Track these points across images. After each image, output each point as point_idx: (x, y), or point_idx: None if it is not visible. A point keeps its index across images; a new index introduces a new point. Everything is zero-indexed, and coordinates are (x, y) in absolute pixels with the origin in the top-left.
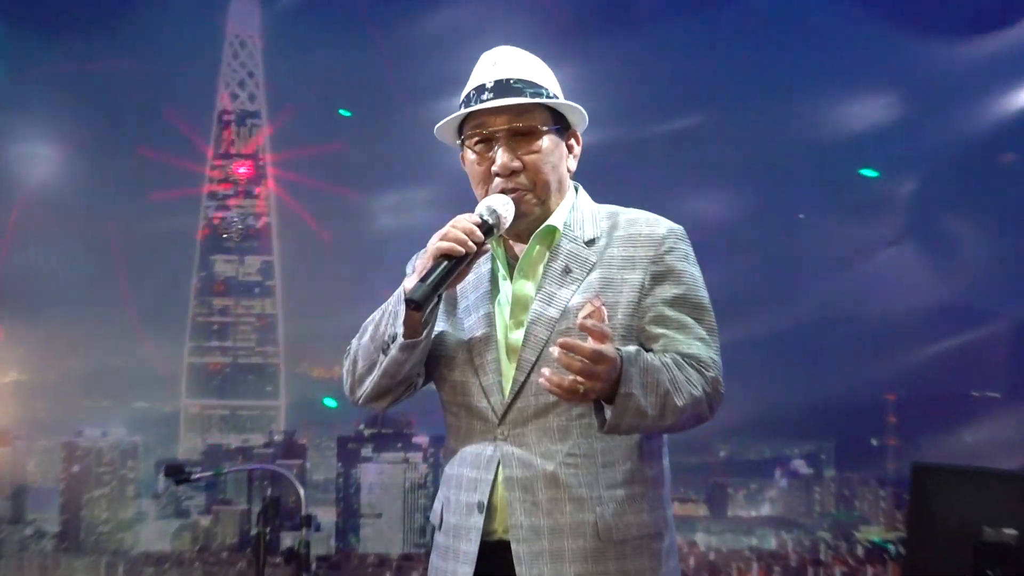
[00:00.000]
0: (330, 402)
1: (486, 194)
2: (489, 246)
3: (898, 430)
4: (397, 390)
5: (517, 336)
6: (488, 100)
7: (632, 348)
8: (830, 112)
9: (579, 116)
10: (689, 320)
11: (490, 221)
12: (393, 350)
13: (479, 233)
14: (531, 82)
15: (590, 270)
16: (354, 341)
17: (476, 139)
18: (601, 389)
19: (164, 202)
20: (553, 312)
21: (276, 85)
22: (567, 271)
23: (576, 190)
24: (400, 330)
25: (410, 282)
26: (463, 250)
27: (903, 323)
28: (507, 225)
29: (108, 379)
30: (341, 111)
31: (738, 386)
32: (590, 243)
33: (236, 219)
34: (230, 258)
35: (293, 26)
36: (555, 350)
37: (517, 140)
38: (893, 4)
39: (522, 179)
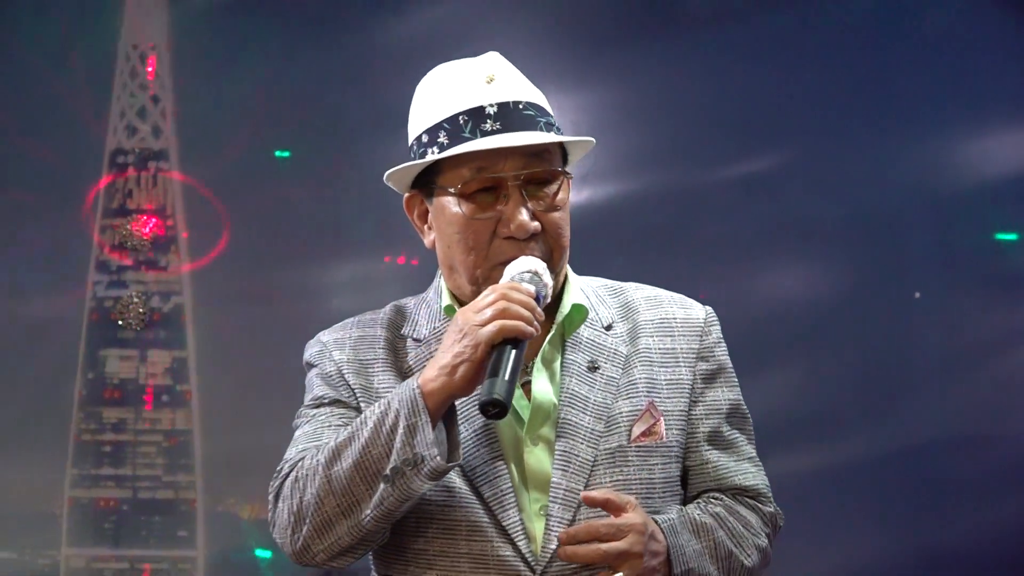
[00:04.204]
0: (264, 553)
1: (481, 263)
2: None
3: None
4: (372, 540)
5: (539, 458)
6: (496, 133)
7: (672, 515)
8: (960, 153)
9: (581, 153)
10: (739, 435)
11: (540, 293)
12: (416, 480)
13: (539, 309)
14: (540, 107)
15: (623, 367)
16: (303, 466)
17: (478, 185)
18: (646, 568)
19: (34, 275)
20: (593, 423)
21: (190, 114)
22: (594, 367)
23: None
24: (430, 451)
25: (434, 379)
26: (533, 331)
27: None
28: (547, 301)
29: None
30: (277, 152)
31: (824, 531)
32: (608, 329)
33: (136, 300)
34: (128, 353)
35: (212, 32)
36: (565, 549)
37: (530, 191)
38: None
39: (538, 245)
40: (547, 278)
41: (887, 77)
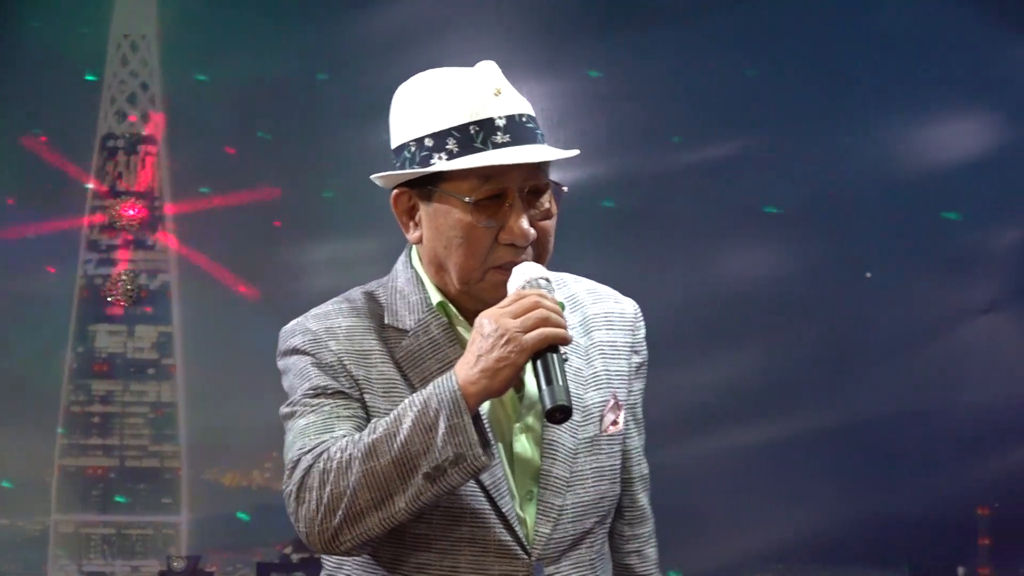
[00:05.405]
0: (245, 516)
1: (478, 266)
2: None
3: (993, 555)
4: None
5: (525, 445)
6: (505, 145)
7: None
8: (912, 139)
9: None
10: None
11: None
12: (457, 477)
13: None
14: (536, 119)
15: (585, 358)
16: (330, 458)
17: (487, 194)
18: None
19: (26, 253)
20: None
21: (178, 101)
22: (564, 359)
23: None
24: (474, 451)
25: (476, 382)
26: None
27: (1001, 417)
28: None
29: None
30: (261, 133)
31: (783, 499)
32: None
33: (124, 277)
34: (116, 328)
35: (199, 21)
36: None
37: (528, 200)
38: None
39: (531, 249)
40: (554, 283)
41: (843, 68)
